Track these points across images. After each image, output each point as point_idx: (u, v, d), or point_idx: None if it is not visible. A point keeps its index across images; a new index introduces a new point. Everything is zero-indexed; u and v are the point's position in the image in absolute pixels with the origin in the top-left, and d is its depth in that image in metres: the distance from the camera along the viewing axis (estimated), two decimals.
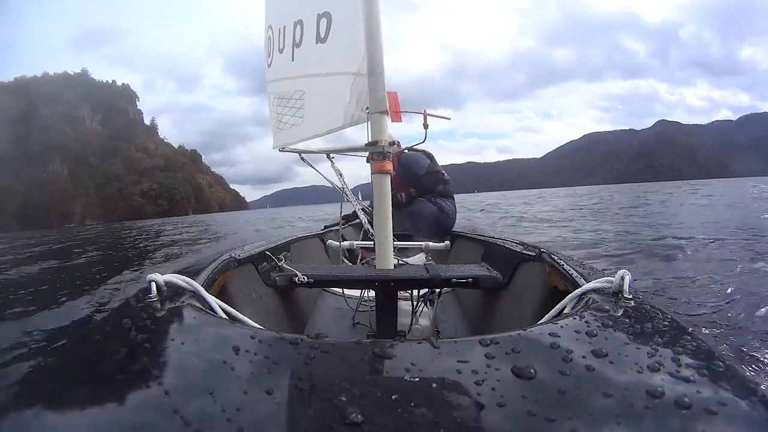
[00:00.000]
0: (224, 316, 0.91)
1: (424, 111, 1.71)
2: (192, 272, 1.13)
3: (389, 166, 1.52)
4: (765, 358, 2.11)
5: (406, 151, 3.51)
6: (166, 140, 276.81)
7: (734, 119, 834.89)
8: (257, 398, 0.50)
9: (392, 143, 1.72)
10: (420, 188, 3.40)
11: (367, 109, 1.52)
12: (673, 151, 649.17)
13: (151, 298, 0.85)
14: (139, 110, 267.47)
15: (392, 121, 1.69)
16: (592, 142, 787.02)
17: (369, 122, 1.52)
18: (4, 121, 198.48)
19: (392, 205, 1.61)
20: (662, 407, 0.46)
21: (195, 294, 0.91)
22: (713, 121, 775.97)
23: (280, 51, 1.85)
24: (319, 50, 1.63)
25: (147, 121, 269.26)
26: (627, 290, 0.82)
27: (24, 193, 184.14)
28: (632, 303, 0.78)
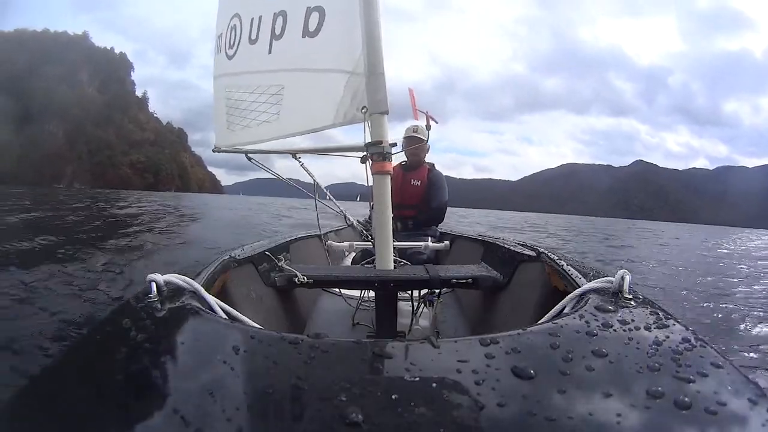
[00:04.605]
0: (224, 316, 0.91)
1: (427, 112, 1.71)
2: (192, 272, 1.12)
3: (390, 166, 1.52)
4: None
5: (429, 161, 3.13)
6: (155, 114, 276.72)
7: (710, 169, 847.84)
8: (257, 398, 0.51)
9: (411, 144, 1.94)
10: (424, 216, 2.99)
11: (363, 109, 1.47)
12: (647, 191, 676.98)
13: (151, 298, 0.85)
14: (132, 81, 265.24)
15: (414, 118, 1.73)
16: (569, 173, 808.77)
17: (369, 122, 1.49)
18: (6, 74, 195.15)
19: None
20: (662, 407, 0.47)
21: (195, 294, 0.91)
22: (690, 168, 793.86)
23: (252, 42, 1.73)
24: (307, 44, 1.54)
25: (138, 93, 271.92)
26: (627, 290, 0.82)
27: (21, 149, 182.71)
28: (632, 303, 0.79)
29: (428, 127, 1.76)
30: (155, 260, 5.22)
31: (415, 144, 2.83)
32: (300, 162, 1.89)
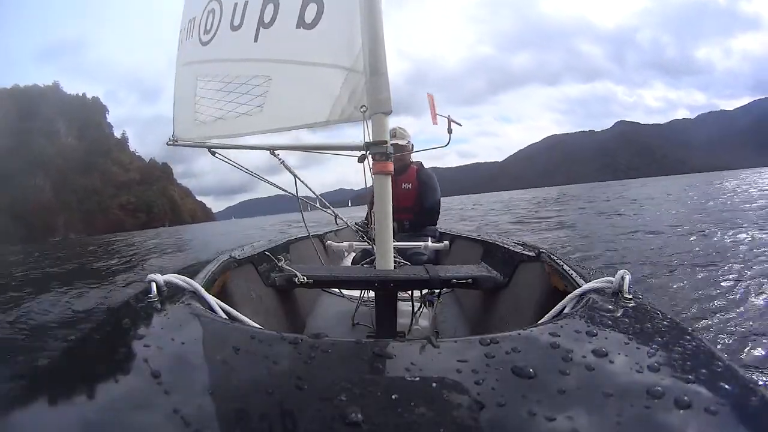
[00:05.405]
0: (224, 316, 0.91)
1: (448, 116, 1.70)
2: (192, 272, 1.12)
3: (391, 167, 1.50)
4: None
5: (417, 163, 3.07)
6: (137, 153, 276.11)
7: (692, 118, 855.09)
8: (257, 398, 0.51)
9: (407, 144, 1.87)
10: (419, 218, 2.98)
11: (362, 107, 1.44)
12: (632, 150, 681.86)
13: (151, 298, 0.84)
14: (109, 123, 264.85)
15: (433, 123, 1.72)
16: (553, 145, 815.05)
17: (370, 122, 1.46)
18: None
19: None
20: (662, 407, 0.47)
21: (195, 294, 0.91)
22: (671, 121, 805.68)
23: (234, 28, 1.62)
24: (301, 36, 1.48)
25: (117, 134, 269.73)
26: (627, 290, 0.82)
27: (12, 207, 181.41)
28: (632, 303, 0.79)
29: (450, 131, 1.81)
30: None
31: (398, 149, 2.71)
32: (279, 159, 1.69)
